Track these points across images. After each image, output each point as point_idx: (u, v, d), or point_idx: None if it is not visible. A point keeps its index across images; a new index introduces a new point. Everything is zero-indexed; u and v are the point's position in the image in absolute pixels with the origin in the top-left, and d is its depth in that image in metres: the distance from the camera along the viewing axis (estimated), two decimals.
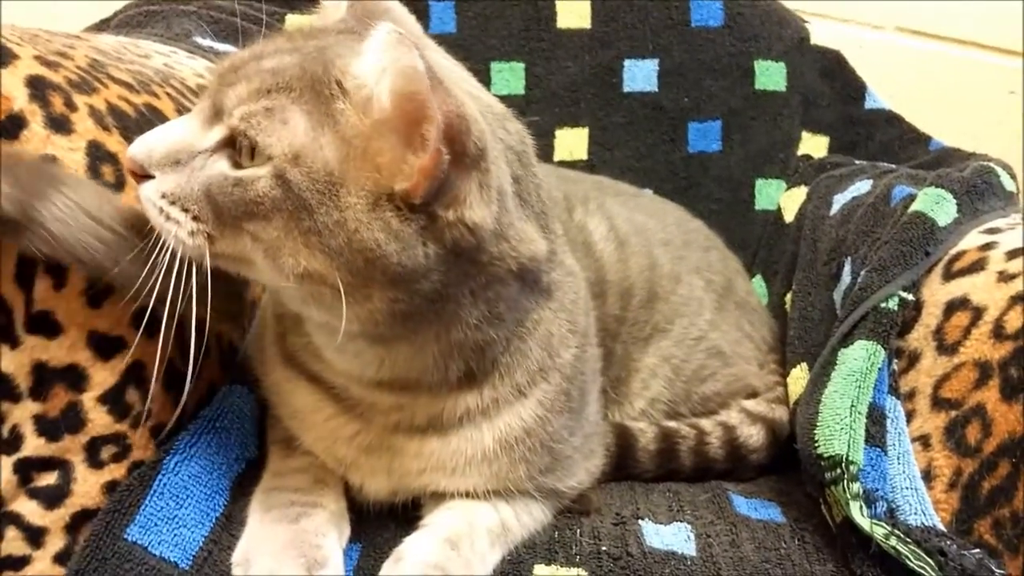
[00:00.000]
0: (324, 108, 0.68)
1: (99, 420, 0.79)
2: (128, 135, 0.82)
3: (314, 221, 0.67)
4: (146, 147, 0.71)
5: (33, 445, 0.77)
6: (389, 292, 0.71)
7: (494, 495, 0.87)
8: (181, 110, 0.93)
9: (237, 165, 0.70)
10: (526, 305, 0.82)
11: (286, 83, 0.69)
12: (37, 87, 0.75)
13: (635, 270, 1.15)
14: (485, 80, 1.57)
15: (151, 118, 0.87)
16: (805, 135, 1.64)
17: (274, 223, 0.69)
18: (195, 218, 0.70)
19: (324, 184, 0.67)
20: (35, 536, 0.77)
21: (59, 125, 0.76)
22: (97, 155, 0.79)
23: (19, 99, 0.73)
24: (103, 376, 0.79)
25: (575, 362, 0.90)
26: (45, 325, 0.76)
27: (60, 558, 0.78)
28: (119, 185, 0.80)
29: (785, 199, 1.57)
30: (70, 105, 0.77)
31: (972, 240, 1.07)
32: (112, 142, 0.80)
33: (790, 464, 1.07)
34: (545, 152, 1.57)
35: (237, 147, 0.69)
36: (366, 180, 0.68)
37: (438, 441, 0.83)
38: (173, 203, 0.70)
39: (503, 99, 1.58)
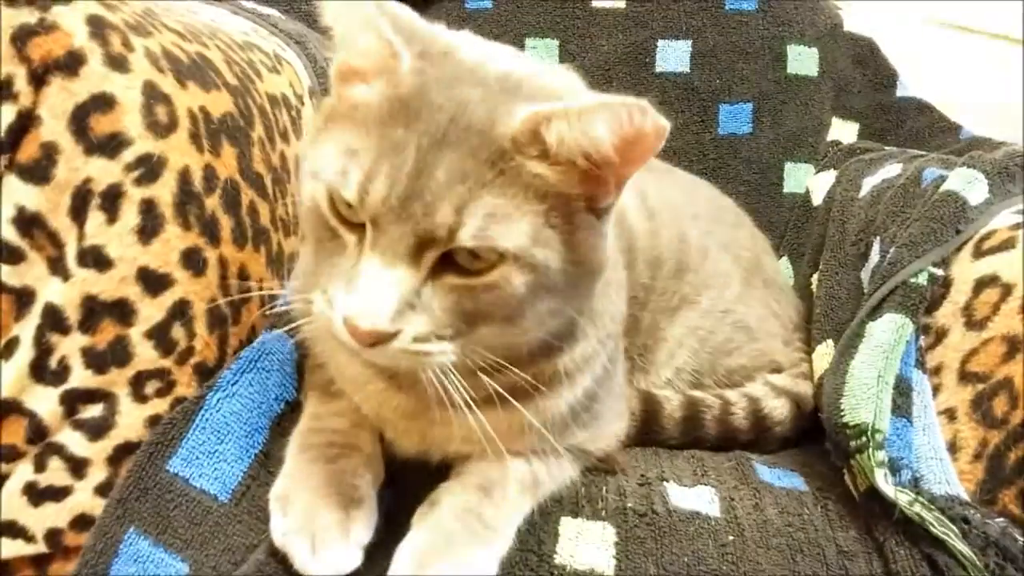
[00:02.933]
0: (518, 180, 0.68)
1: (145, 355, 0.80)
2: (181, 79, 0.84)
3: (556, 273, 0.70)
4: (379, 312, 0.67)
5: (80, 377, 0.78)
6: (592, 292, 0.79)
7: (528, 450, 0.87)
8: (230, 62, 0.95)
9: (466, 273, 0.69)
10: (608, 254, 0.85)
11: (476, 182, 0.67)
12: (96, 25, 0.77)
13: (665, 241, 1.16)
14: None
15: (202, 65, 0.89)
16: (836, 121, 1.65)
17: (525, 297, 0.70)
18: (451, 337, 0.71)
19: (558, 241, 0.70)
20: (78, 467, 0.79)
21: (117, 63, 0.77)
22: (152, 95, 0.80)
23: (79, 36, 0.75)
24: (150, 312, 0.80)
25: (621, 317, 0.92)
26: (97, 259, 0.77)
27: (101, 490, 0.80)
28: (172, 126, 0.82)
29: (813, 182, 1.58)
30: (127, 45, 0.79)
31: (1003, 220, 1.08)
32: (166, 84, 0.82)
33: (813, 439, 1.08)
34: None
35: (455, 258, 0.68)
36: (586, 215, 0.72)
37: (494, 413, 0.80)
38: (427, 339, 0.69)
39: None
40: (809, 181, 1.59)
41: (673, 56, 1.60)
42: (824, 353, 1.15)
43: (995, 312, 0.97)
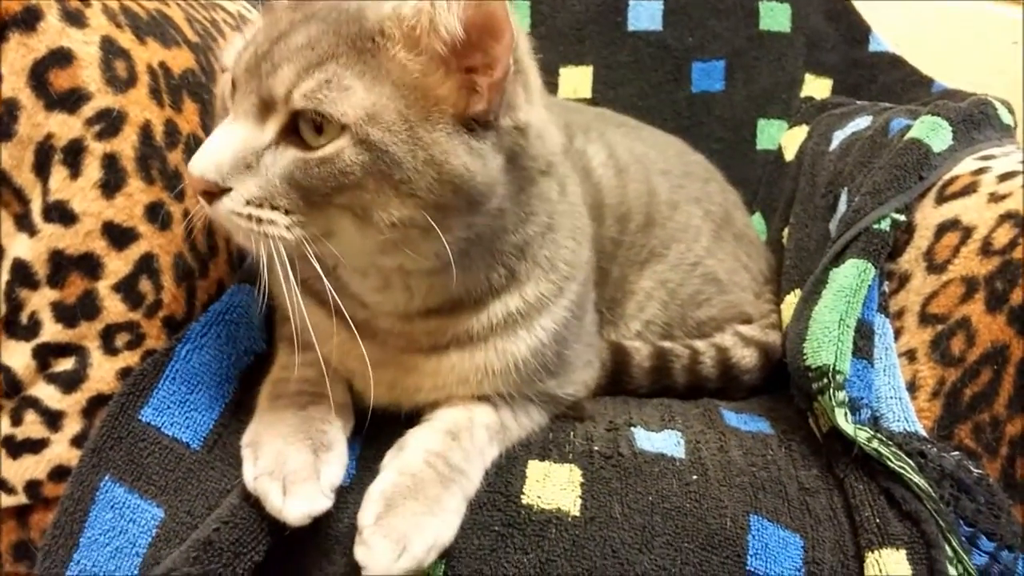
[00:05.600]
0: (374, 62, 0.70)
1: (114, 308, 0.82)
2: (140, 35, 0.85)
3: (403, 170, 0.70)
4: (211, 162, 0.69)
5: (51, 331, 0.80)
6: (467, 218, 0.76)
7: (496, 396, 0.89)
8: (191, 20, 0.96)
9: (307, 147, 0.70)
10: (552, 197, 0.87)
11: (327, 52, 0.69)
12: None
13: (633, 195, 1.18)
14: None
15: (161, 22, 0.90)
16: (808, 77, 1.66)
17: (367, 186, 0.70)
18: (287, 211, 0.71)
19: (405, 132, 0.70)
20: (53, 420, 0.81)
21: (74, 19, 0.78)
22: (111, 50, 0.81)
23: None
24: (117, 265, 0.82)
25: (588, 263, 0.93)
26: (62, 214, 0.79)
27: (77, 441, 0.82)
28: (131, 81, 0.83)
29: (786, 138, 1.59)
30: (84, 1, 0.80)
31: (966, 166, 1.09)
32: (124, 39, 0.83)
33: (782, 386, 1.10)
34: (549, 90, 1.56)
35: (299, 130, 0.70)
36: (440, 113, 0.71)
37: (459, 356, 0.85)
38: (260, 205, 0.70)
39: None
40: (782, 137, 1.60)
41: (645, 14, 1.61)
42: (792, 302, 1.17)
43: (955, 255, 0.99)
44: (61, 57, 0.77)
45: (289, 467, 0.76)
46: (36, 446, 0.81)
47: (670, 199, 1.22)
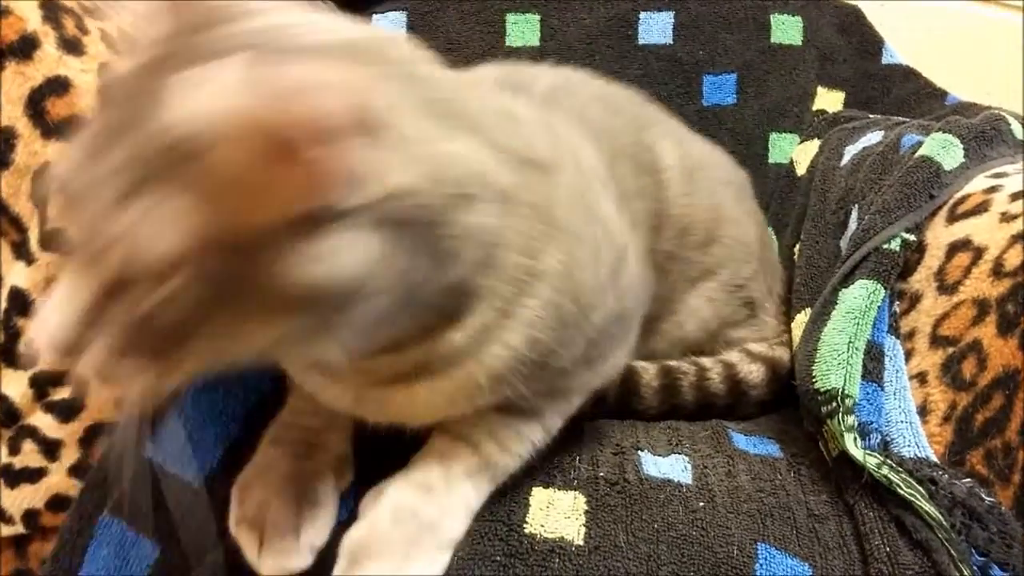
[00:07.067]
0: (186, 182, 0.53)
1: None
2: None
3: (251, 294, 0.57)
4: (51, 332, 0.57)
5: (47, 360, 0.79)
6: (354, 310, 0.62)
7: (481, 425, 0.84)
8: None
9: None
10: (485, 223, 0.70)
11: (136, 179, 0.53)
12: (50, 9, 0.78)
13: (700, 208, 1.11)
14: (500, 32, 1.58)
15: None
16: (821, 90, 1.64)
17: (217, 319, 0.58)
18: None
19: (239, 253, 0.55)
20: (51, 449, 0.81)
21: (71, 47, 0.78)
22: None
23: (32, 20, 0.76)
24: None
25: (564, 269, 0.79)
26: (59, 242, 0.78)
27: (74, 470, 0.82)
28: None
29: (798, 152, 1.57)
30: (82, 28, 0.80)
31: (978, 184, 1.07)
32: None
33: (793, 404, 1.08)
34: None
35: None
36: (276, 219, 0.55)
37: (425, 385, 0.77)
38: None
39: (518, 51, 1.60)
40: (794, 151, 1.59)
41: (656, 28, 1.60)
42: (802, 322, 1.15)
43: (966, 276, 0.97)
44: (58, 85, 0.77)
45: (269, 518, 0.75)
46: (34, 475, 0.81)
47: (733, 215, 1.17)
